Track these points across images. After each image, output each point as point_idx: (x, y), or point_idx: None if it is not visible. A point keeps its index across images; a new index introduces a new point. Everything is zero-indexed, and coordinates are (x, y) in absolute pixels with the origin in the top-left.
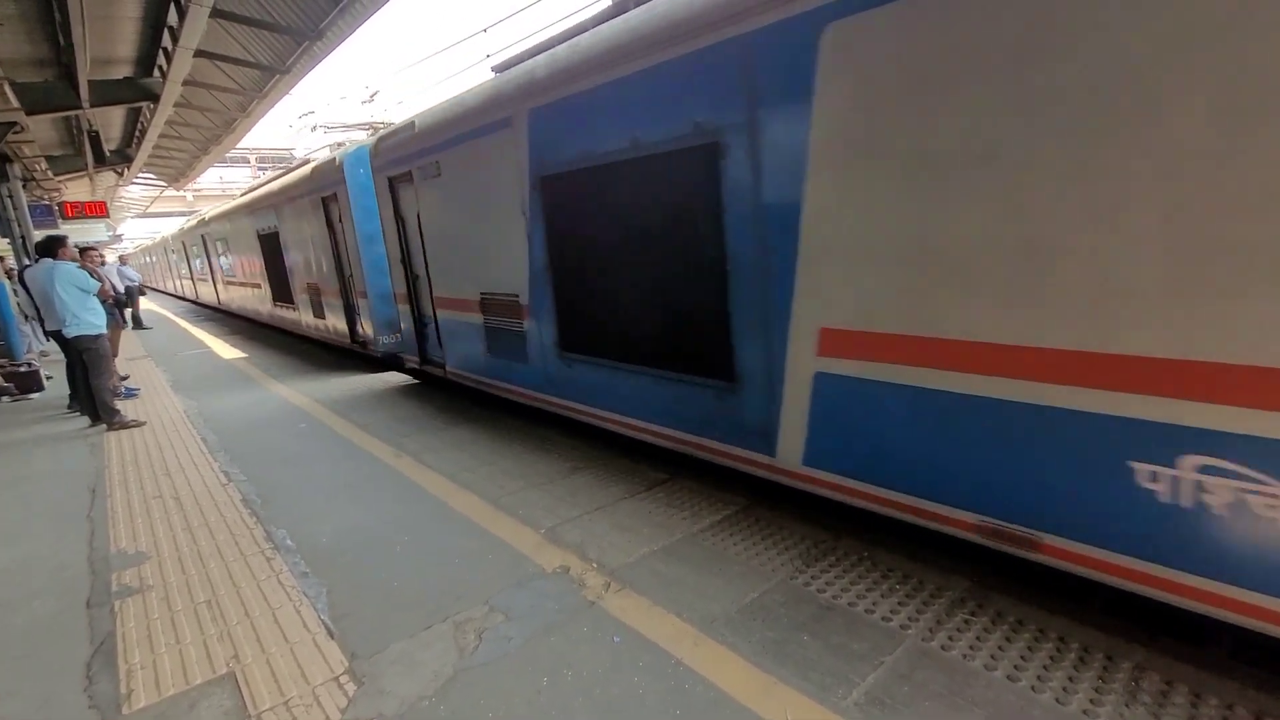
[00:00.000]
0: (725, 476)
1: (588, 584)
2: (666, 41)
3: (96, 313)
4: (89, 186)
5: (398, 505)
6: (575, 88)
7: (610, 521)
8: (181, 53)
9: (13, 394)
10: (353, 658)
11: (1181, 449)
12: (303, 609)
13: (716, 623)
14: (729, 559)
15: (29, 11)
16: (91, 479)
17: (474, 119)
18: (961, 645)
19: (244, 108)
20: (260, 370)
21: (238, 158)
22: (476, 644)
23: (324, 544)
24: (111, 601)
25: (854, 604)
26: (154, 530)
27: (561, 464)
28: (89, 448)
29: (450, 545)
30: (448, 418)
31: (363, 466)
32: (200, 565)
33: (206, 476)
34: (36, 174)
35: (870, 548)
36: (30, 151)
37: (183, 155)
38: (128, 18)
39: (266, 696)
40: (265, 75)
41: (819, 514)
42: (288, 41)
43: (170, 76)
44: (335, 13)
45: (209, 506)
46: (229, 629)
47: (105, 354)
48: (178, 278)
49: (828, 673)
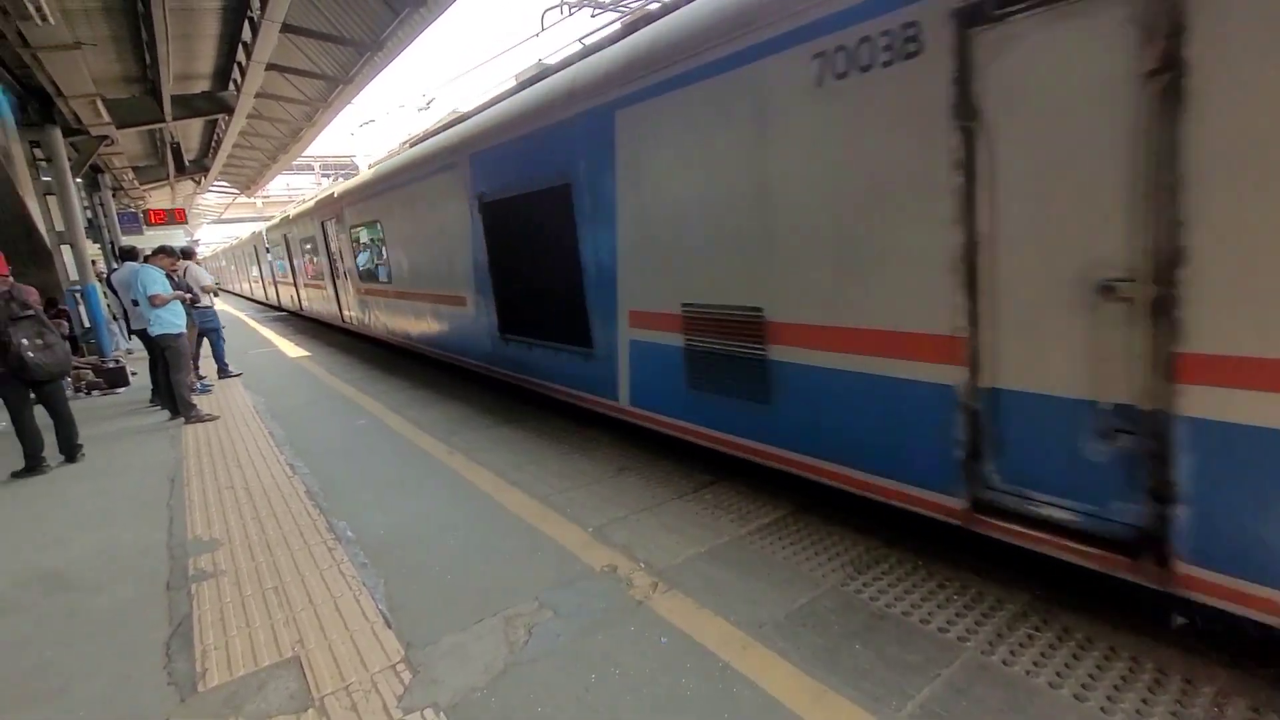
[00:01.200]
0: (772, 481)
1: (635, 584)
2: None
3: (177, 313)
4: (170, 195)
5: (450, 500)
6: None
7: (657, 522)
8: (254, 66)
9: (102, 389)
10: (408, 647)
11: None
12: (362, 598)
13: (765, 627)
14: (777, 564)
15: (120, 32)
16: (171, 469)
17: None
18: (1024, 661)
19: (309, 117)
20: (323, 369)
21: (303, 165)
22: (526, 639)
23: (381, 536)
24: (188, 585)
25: (908, 613)
26: (226, 518)
27: (608, 465)
28: (169, 440)
29: (500, 541)
30: (496, 416)
31: (417, 462)
32: (268, 553)
33: (274, 468)
34: (124, 183)
35: (924, 557)
36: (119, 163)
37: (253, 164)
38: (206, 35)
39: (328, 681)
40: (329, 86)
41: (871, 521)
42: (350, 53)
43: (244, 89)
44: (395, 24)
45: (276, 497)
46: (294, 615)
47: (184, 352)
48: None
49: (880, 683)
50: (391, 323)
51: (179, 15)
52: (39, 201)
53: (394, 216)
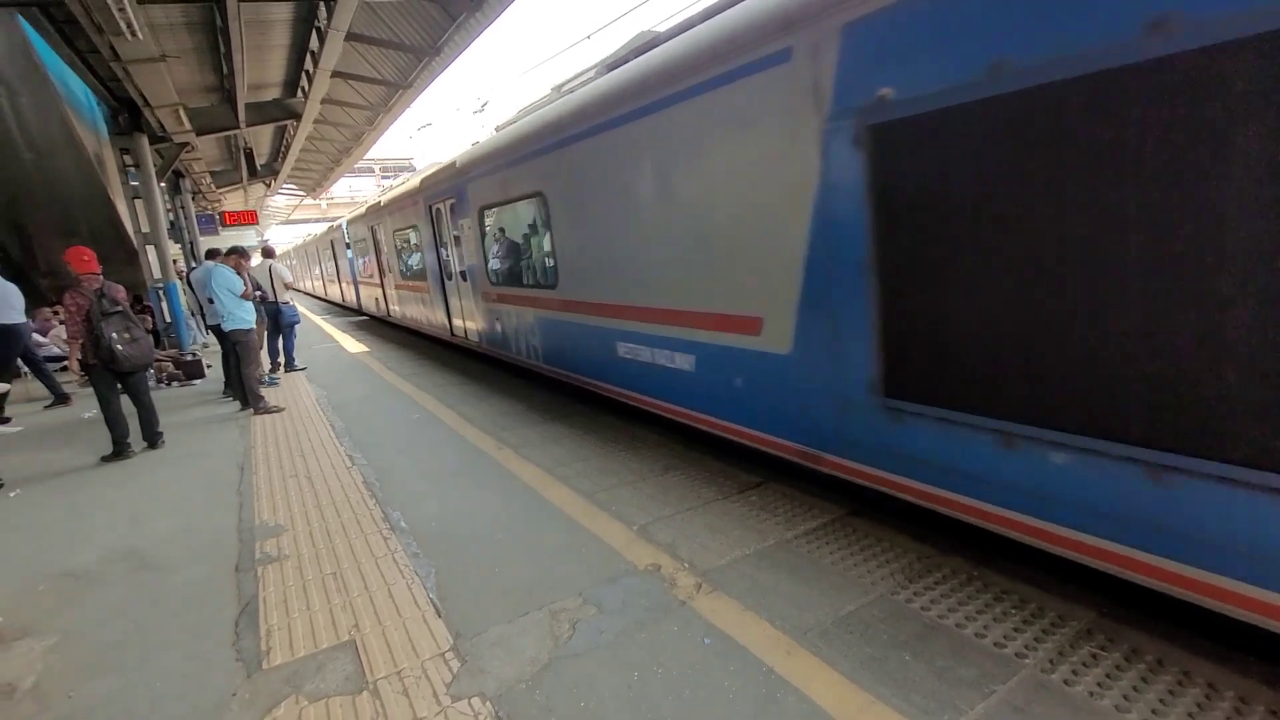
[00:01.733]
0: (820, 484)
1: (679, 583)
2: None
3: (248, 310)
4: (243, 197)
5: (498, 495)
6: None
7: (702, 522)
8: (321, 74)
9: (180, 380)
10: (457, 637)
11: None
12: (414, 587)
13: (810, 633)
14: (824, 569)
15: (200, 45)
16: (240, 457)
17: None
18: (1088, 681)
19: (371, 122)
20: (381, 364)
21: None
22: (570, 634)
23: (433, 527)
24: (255, 567)
25: (962, 625)
26: (290, 505)
27: (654, 463)
28: (239, 429)
29: (546, 536)
30: (545, 413)
31: (467, 456)
32: (328, 540)
33: (334, 459)
34: (203, 187)
35: (980, 567)
36: (198, 168)
37: (318, 167)
38: (277, 46)
39: (381, 665)
40: (389, 91)
41: (922, 528)
42: (410, 59)
43: (311, 96)
44: (452, 29)
45: (335, 486)
46: (351, 600)
47: (254, 347)
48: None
49: (931, 696)
50: (559, 349)
51: (253, 27)
52: (128, 205)
53: (579, 184)
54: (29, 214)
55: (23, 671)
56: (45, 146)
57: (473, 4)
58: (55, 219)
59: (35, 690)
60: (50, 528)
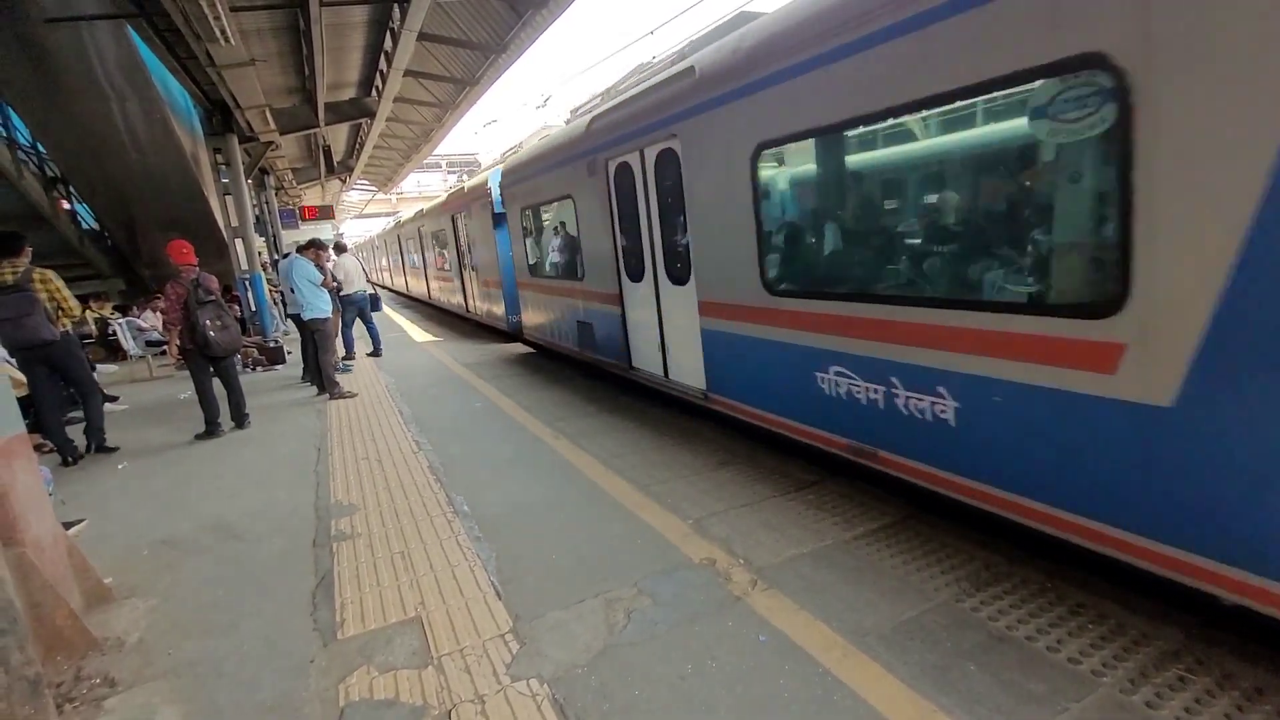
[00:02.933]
0: (880, 484)
1: (733, 579)
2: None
3: (325, 300)
4: (320, 193)
5: (556, 483)
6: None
7: (757, 519)
8: (394, 73)
9: (264, 365)
10: (516, 619)
11: None
12: (475, 569)
13: (869, 637)
14: (884, 571)
15: (284, 48)
16: (318, 439)
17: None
18: (1173, 705)
19: (439, 119)
20: (445, 353)
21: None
22: (625, 623)
23: (493, 512)
24: (331, 543)
25: (1032, 639)
26: (361, 486)
27: (709, 457)
28: (316, 413)
29: (602, 526)
30: (600, 404)
31: (526, 444)
32: (396, 520)
33: (402, 443)
34: (285, 183)
35: (1053, 579)
36: (281, 165)
37: (389, 163)
38: (354, 47)
39: (445, 642)
40: (457, 88)
41: (991, 535)
42: (477, 56)
43: (384, 94)
44: (518, 26)
45: (403, 470)
46: (417, 579)
47: (331, 335)
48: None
49: (997, 710)
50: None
51: (332, 30)
52: (219, 200)
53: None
54: (135, 209)
55: (130, 628)
56: (149, 146)
57: (539, 1)
58: (156, 214)
59: (140, 645)
60: (152, 498)
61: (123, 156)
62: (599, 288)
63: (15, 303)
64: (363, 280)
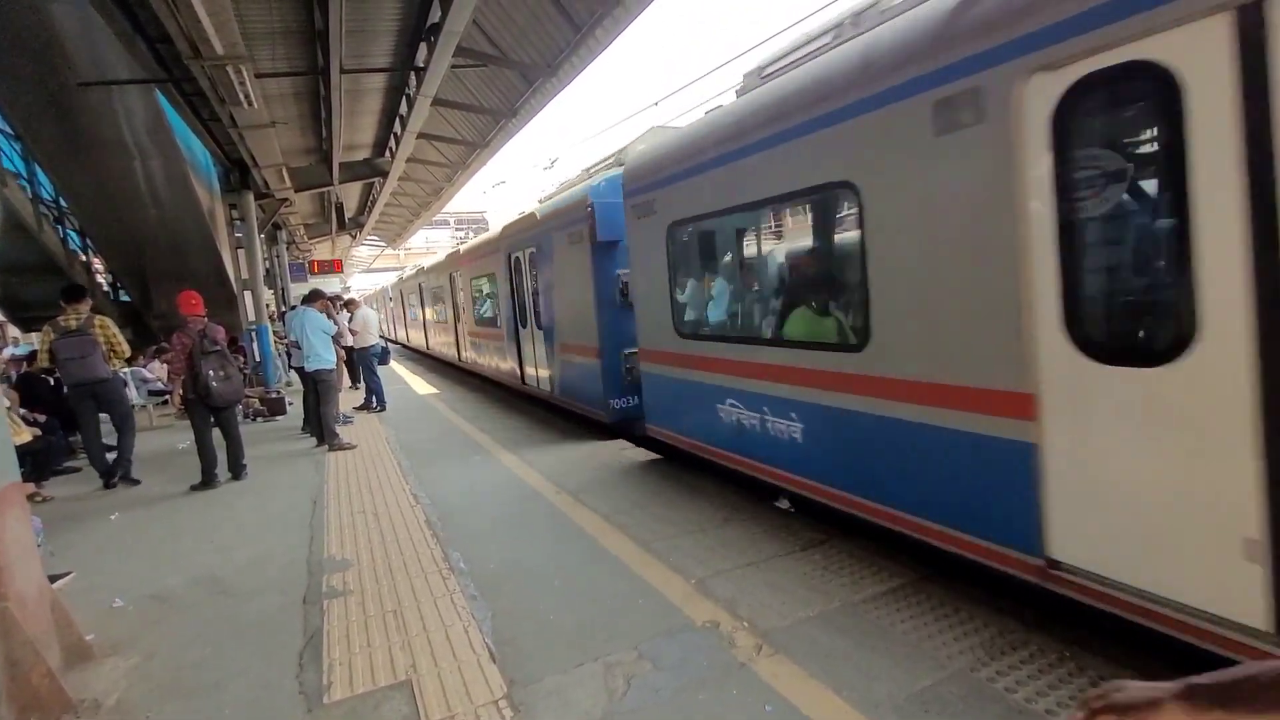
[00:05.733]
0: (889, 544)
1: (738, 643)
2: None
3: (332, 351)
4: (330, 247)
5: (556, 540)
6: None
7: (762, 579)
8: (407, 136)
9: (265, 415)
10: (511, 684)
11: None
12: (470, 630)
13: (882, 707)
14: (896, 637)
15: (304, 111)
16: (314, 491)
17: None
18: None
19: (449, 178)
20: (447, 406)
21: (440, 221)
22: (625, 689)
23: (491, 570)
24: (322, 600)
25: (1053, 712)
26: (357, 540)
27: (713, 513)
28: (314, 465)
29: (602, 585)
30: (600, 460)
31: (526, 499)
32: (390, 577)
33: (400, 497)
34: (296, 238)
35: (1072, 647)
36: (294, 220)
37: (400, 220)
38: (370, 111)
39: (436, 709)
40: (468, 150)
41: (1006, 600)
42: (488, 120)
43: (397, 155)
44: (528, 93)
45: (400, 524)
46: (409, 639)
47: (334, 386)
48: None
49: None
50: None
51: (350, 96)
52: (231, 254)
53: None
54: (150, 262)
55: (109, 688)
56: (168, 202)
57: (548, 70)
58: (170, 267)
59: (118, 707)
60: (143, 550)
61: (142, 211)
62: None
63: (79, 344)
64: (377, 332)
